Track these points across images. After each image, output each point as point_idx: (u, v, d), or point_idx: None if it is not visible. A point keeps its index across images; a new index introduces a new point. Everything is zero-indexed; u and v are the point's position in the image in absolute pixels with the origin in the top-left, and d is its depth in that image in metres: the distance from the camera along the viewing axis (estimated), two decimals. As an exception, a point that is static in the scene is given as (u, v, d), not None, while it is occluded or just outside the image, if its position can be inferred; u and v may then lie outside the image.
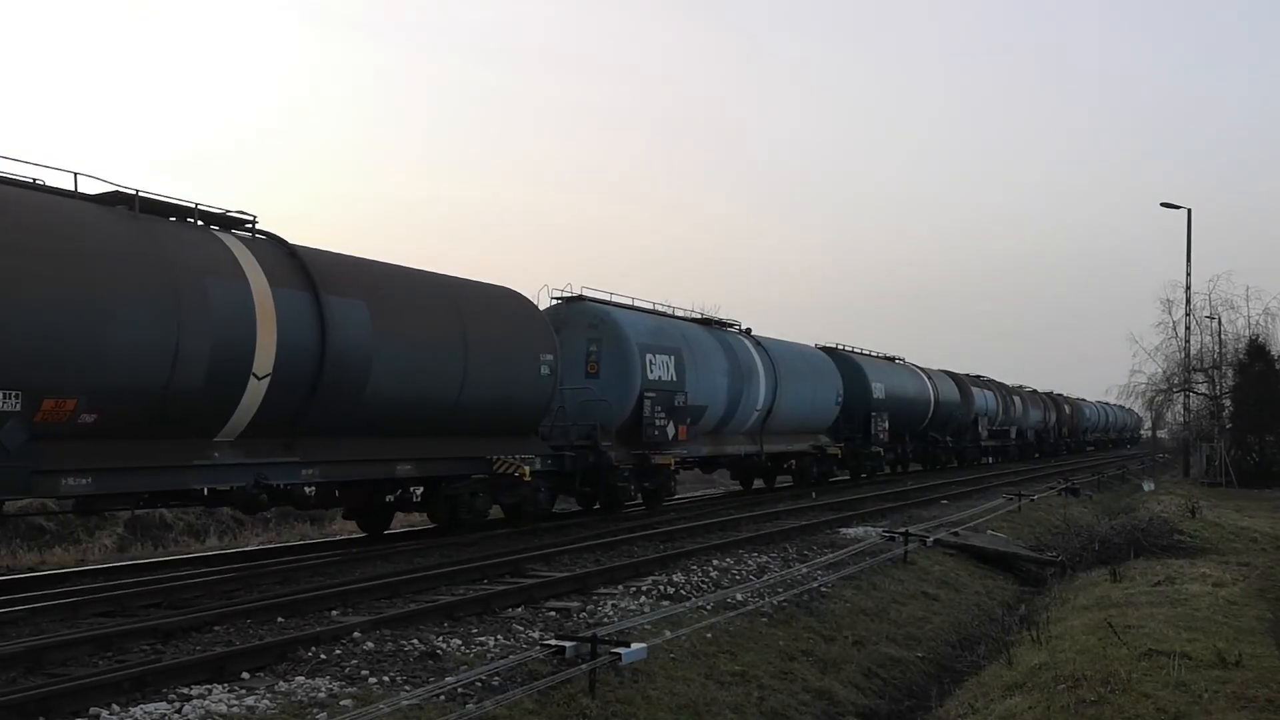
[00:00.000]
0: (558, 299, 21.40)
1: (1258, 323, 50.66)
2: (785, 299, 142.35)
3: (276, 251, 13.78)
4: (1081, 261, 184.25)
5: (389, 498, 16.70)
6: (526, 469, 16.82)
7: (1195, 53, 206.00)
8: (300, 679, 8.13)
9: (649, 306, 23.23)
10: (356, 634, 9.44)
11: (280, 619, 10.32)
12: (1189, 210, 44.20)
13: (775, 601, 12.62)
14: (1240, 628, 12.53)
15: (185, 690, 7.75)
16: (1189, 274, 45.89)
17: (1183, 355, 48.53)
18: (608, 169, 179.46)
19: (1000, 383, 52.59)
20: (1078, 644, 11.29)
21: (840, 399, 30.96)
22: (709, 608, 11.79)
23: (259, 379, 12.76)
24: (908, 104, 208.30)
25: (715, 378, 23.65)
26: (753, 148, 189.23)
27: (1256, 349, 47.19)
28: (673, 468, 21.76)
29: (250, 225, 13.86)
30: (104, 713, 7.15)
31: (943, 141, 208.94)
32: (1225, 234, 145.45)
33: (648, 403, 20.38)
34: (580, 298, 21.49)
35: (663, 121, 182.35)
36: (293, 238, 14.25)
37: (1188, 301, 46.80)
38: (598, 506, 21.33)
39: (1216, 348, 51.35)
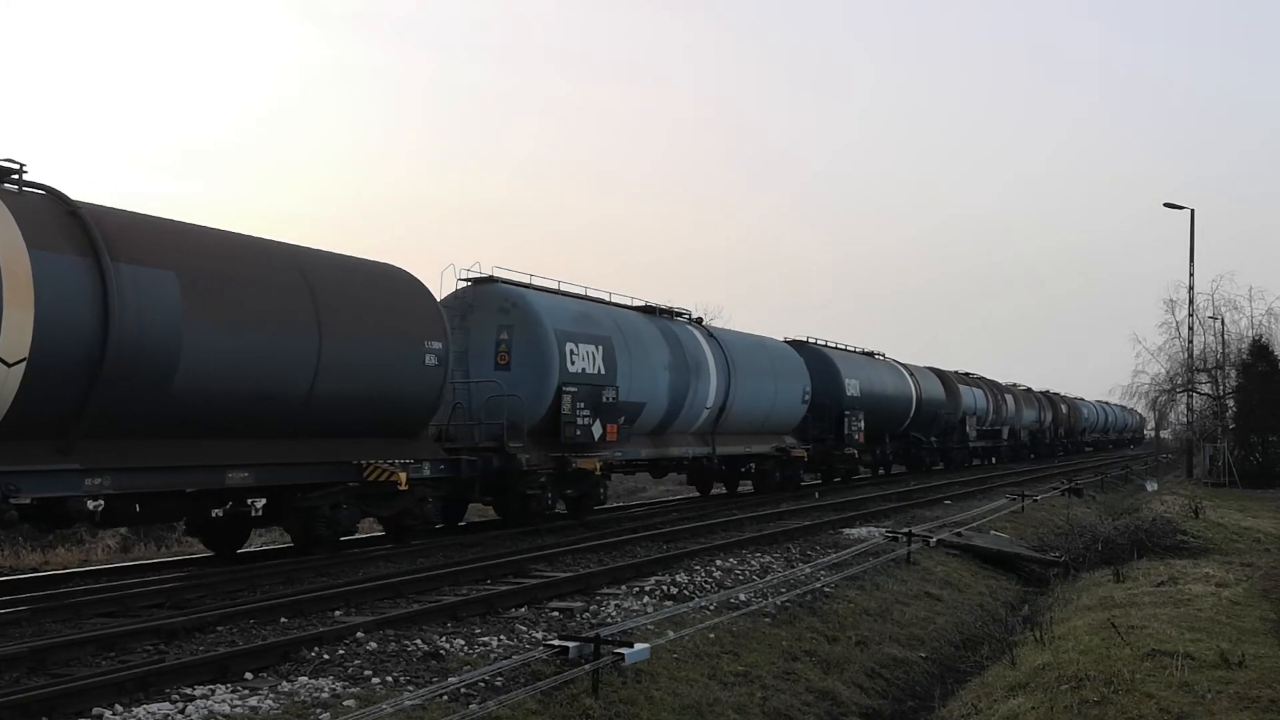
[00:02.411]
0: (466, 280, 19.07)
1: (1261, 323, 50.70)
2: (786, 299, 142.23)
3: (49, 208, 11.30)
4: (1085, 262, 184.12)
5: (216, 512, 13.67)
6: (403, 475, 14.40)
7: (1198, 52, 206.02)
8: (303, 679, 8.14)
9: (581, 292, 20.91)
10: (359, 634, 9.45)
11: (283, 619, 10.34)
12: (1191, 210, 44.15)
13: (778, 602, 12.62)
14: (1243, 628, 12.53)
15: (188, 690, 7.76)
16: (1192, 274, 45.84)
17: (1186, 355, 48.49)
18: (609, 170, 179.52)
19: (992, 380, 50.68)
20: (1081, 644, 11.28)
21: (808, 396, 28.44)
22: (712, 608, 11.79)
23: (8, 366, 10.35)
24: (908, 103, 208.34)
25: (655, 371, 21.30)
26: (752, 148, 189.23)
27: (1260, 349, 47.16)
28: (598, 472, 19.18)
29: (17, 175, 11.31)
30: (107, 713, 7.16)
31: (944, 141, 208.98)
32: (1228, 234, 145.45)
33: (567, 398, 18.16)
34: (490, 279, 19.00)
35: (666, 123, 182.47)
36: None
37: (1191, 302, 46.77)
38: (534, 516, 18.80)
39: (1220, 348, 51.31)
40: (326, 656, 8.79)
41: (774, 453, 27.14)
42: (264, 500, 14.08)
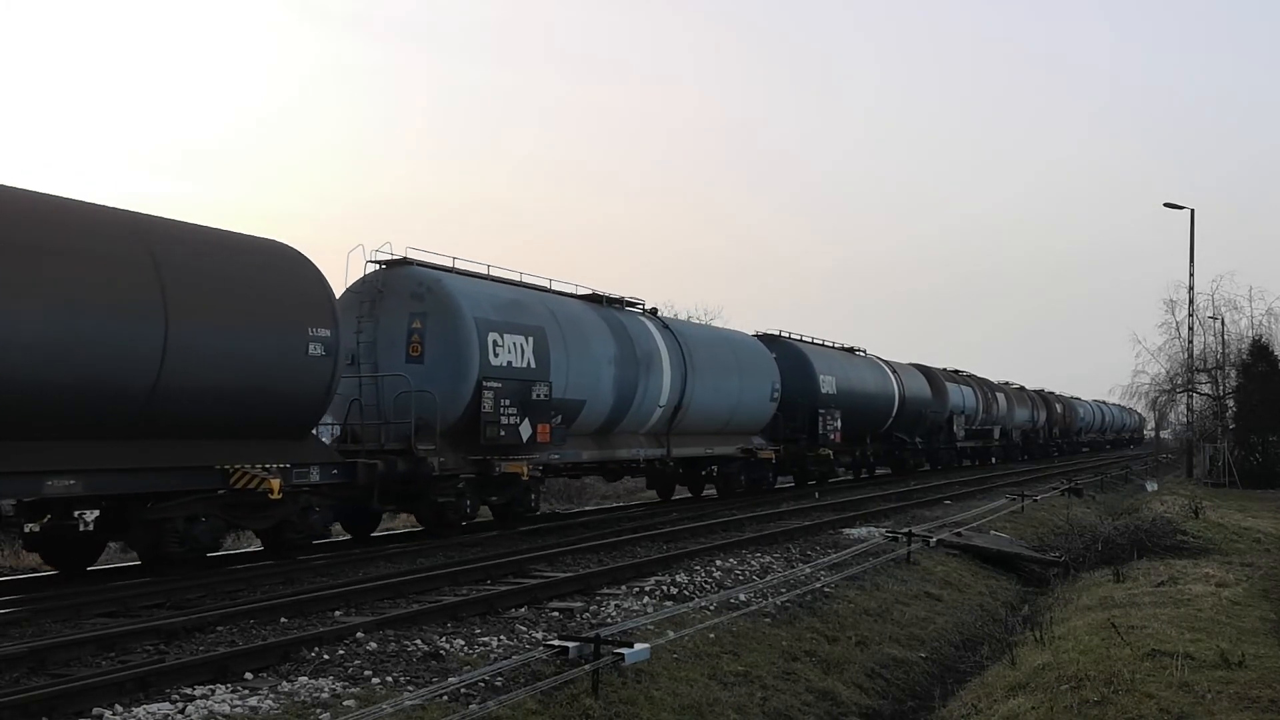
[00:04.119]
0: (377, 263, 17.17)
1: (1261, 323, 50.78)
2: (786, 300, 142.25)
3: None
4: (1086, 263, 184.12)
5: (30, 527, 11.95)
6: (275, 483, 12.63)
7: (1199, 52, 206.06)
8: (303, 679, 8.15)
9: (515, 277, 19.10)
10: (359, 634, 9.45)
11: (283, 619, 10.34)
12: (1191, 210, 44.15)
13: (778, 602, 12.62)
14: (1243, 628, 12.53)
15: (188, 690, 7.76)
16: (1192, 274, 45.85)
17: (1186, 355, 48.51)
18: (610, 170, 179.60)
19: (982, 378, 49.04)
20: (1081, 644, 11.28)
21: (777, 394, 26.54)
22: (712, 608, 11.79)
23: None
24: (908, 103, 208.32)
25: (597, 365, 19.45)
26: (753, 149, 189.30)
27: (1260, 349, 47.17)
28: (526, 476, 17.25)
29: None
30: (107, 713, 7.16)
31: (948, 143, 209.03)
32: (1228, 234, 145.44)
33: (489, 395, 16.31)
34: (404, 261, 17.16)
35: (667, 123, 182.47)
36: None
37: (1191, 302, 46.78)
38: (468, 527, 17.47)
39: (1220, 348, 51.34)
40: (326, 656, 8.79)
41: (739, 454, 25.31)
42: (96, 513, 12.02)
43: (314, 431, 14.57)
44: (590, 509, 25.19)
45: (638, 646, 8.94)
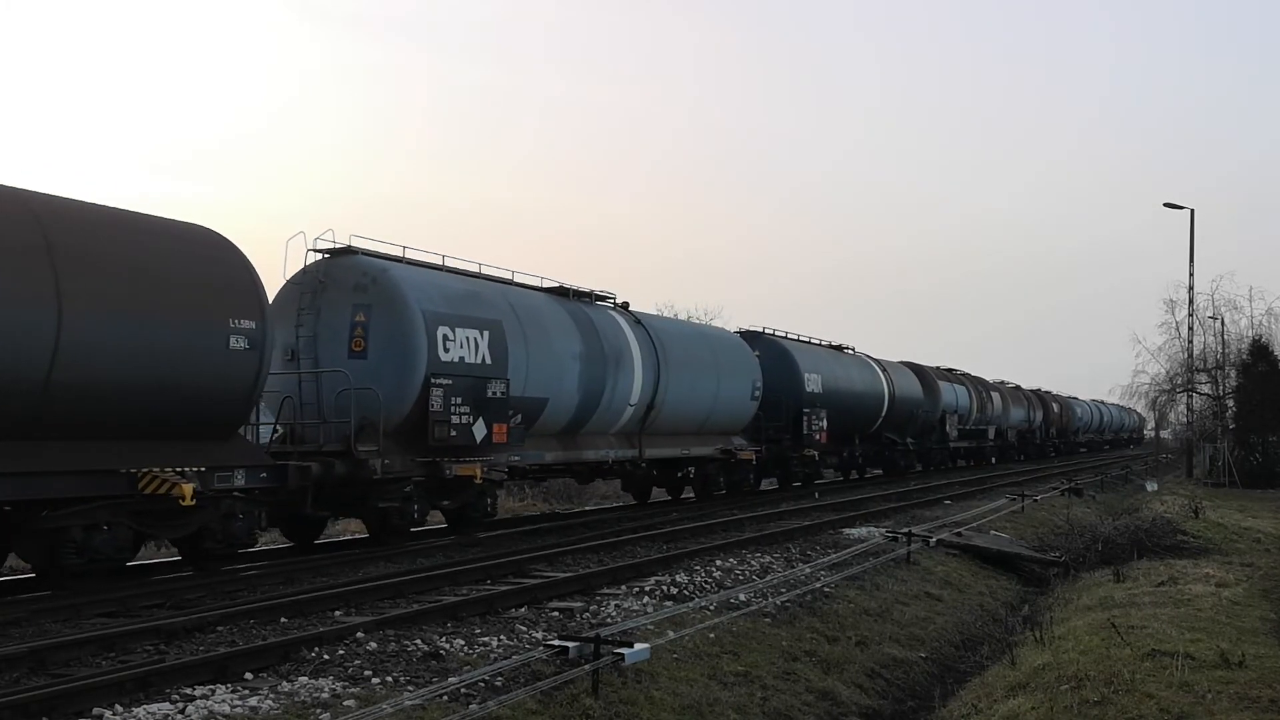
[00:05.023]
0: (319, 252, 16.13)
1: (1261, 323, 50.80)
2: (787, 300, 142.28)
3: None
4: (1085, 262, 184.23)
5: None
6: (188, 488, 11.60)
7: (1199, 52, 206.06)
8: (303, 679, 8.15)
9: (473, 269, 18.10)
10: (360, 634, 9.45)
11: (283, 619, 10.34)
12: (1191, 211, 44.18)
13: (778, 602, 12.62)
14: (1243, 628, 12.54)
15: (188, 690, 7.76)
16: (1192, 274, 45.88)
17: (1186, 355, 48.53)
18: (610, 170, 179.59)
19: (977, 377, 48.26)
20: (1081, 644, 11.29)
21: (758, 392, 25.53)
22: (712, 608, 11.79)
23: None
24: (912, 106, 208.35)
25: (561, 362, 18.48)
26: (751, 147, 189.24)
27: (1259, 349, 47.18)
28: (479, 479, 16.16)
29: None
30: (107, 713, 7.16)
31: (949, 144, 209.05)
32: (1228, 234, 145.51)
33: (438, 392, 15.33)
34: (348, 249, 16.09)
35: (667, 123, 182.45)
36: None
37: (1191, 302, 46.81)
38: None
39: (1219, 348, 51.38)
40: (326, 656, 8.79)
41: (718, 455, 24.30)
42: None
43: (242, 431, 13.62)
44: (590, 509, 25.10)
45: (638, 646, 8.94)
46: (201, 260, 12.66)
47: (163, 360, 11.78)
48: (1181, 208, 44.23)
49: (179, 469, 11.84)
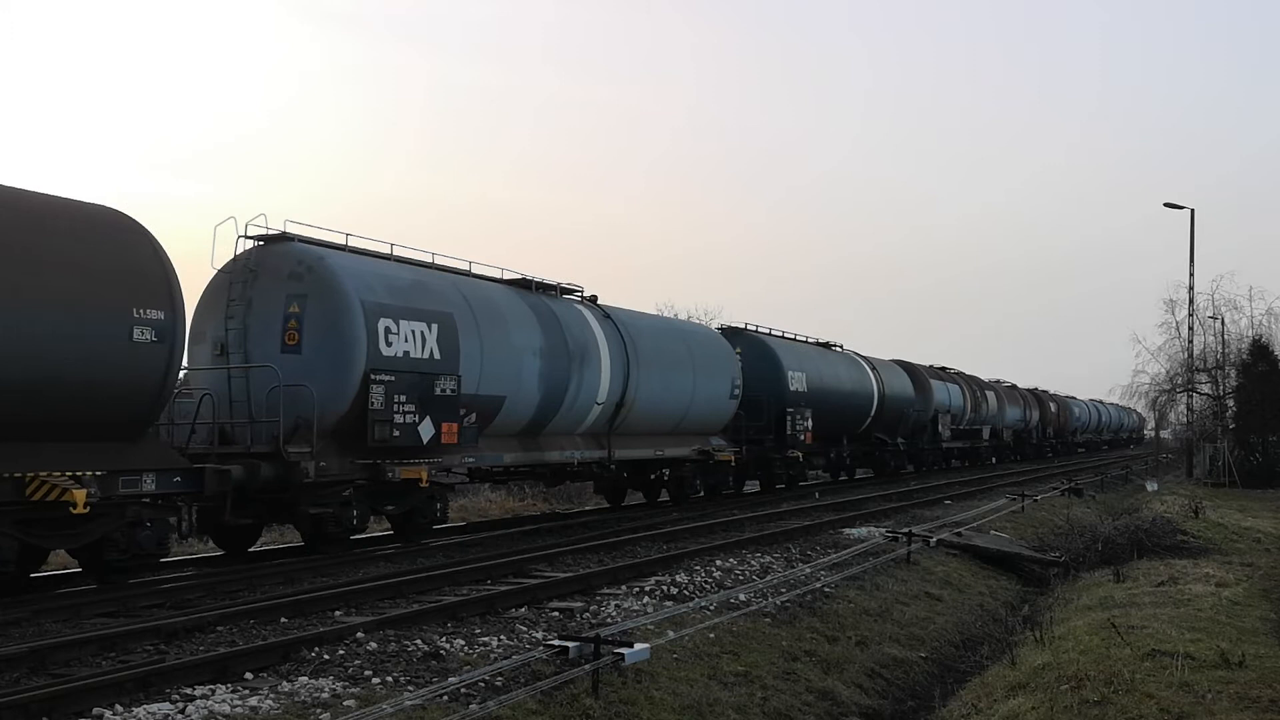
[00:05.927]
0: (252, 239, 15.13)
1: (1261, 322, 50.67)
2: (787, 300, 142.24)
3: None
4: (1085, 262, 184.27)
5: None
6: (80, 494, 10.51)
7: (1198, 52, 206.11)
8: (303, 679, 8.15)
9: (425, 258, 16.96)
10: (360, 634, 9.46)
11: (283, 619, 10.35)
12: (1191, 210, 44.16)
13: (778, 602, 12.63)
14: (1244, 628, 12.54)
15: (189, 690, 7.77)
16: (1192, 274, 45.84)
17: (1186, 355, 48.51)
18: (609, 170, 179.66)
19: (972, 376, 47.40)
20: (1081, 644, 11.29)
21: (738, 391, 24.43)
22: (712, 608, 11.79)
23: None
24: (905, 102, 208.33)
25: (519, 357, 17.37)
26: (749, 147, 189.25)
27: (1260, 349, 47.16)
28: (425, 482, 15.11)
29: None
30: (107, 713, 7.17)
31: (948, 143, 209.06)
32: (1228, 234, 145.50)
33: (379, 389, 14.27)
34: (283, 236, 15.04)
35: (666, 123, 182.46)
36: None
37: (1191, 301, 46.76)
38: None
39: (1220, 348, 51.33)
40: (326, 656, 8.80)
41: (695, 456, 23.18)
42: None
43: (164, 432, 12.75)
44: (590, 509, 25.06)
45: (638, 646, 8.94)
46: (101, 245, 11.40)
47: (49, 354, 10.63)
48: (1181, 208, 44.23)
49: (73, 473, 10.70)
